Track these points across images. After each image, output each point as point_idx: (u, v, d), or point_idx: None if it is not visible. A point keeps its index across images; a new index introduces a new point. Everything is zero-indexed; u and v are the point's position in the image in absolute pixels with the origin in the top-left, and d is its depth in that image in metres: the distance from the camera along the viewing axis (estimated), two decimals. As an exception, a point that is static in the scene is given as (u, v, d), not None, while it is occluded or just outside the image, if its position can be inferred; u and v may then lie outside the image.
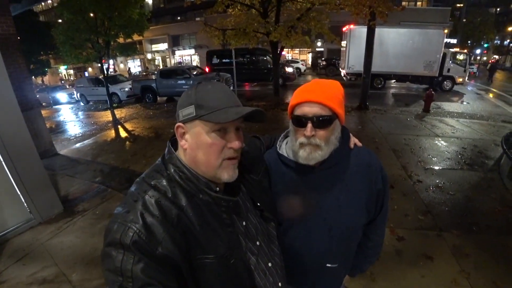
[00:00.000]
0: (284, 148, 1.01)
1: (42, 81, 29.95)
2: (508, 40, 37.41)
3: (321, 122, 0.84)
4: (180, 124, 0.72)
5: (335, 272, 1.03)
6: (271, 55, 11.07)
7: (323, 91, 0.84)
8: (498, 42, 38.18)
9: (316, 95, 0.83)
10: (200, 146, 0.70)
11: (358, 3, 6.50)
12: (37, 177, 3.21)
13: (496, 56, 35.55)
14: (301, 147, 0.88)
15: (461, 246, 2.66)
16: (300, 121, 0.86)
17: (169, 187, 0.69)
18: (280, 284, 0.86)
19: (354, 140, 1.01)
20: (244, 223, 0.80)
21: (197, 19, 28.42)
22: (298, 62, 22.18)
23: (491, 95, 12.62)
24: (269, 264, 0.84)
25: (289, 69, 15.47)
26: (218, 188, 0.74)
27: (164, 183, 0.69)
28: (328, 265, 0.99)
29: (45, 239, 2.93)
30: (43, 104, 14.97)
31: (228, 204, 0.75)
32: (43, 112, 6.92)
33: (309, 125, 0.84)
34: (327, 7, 8.58)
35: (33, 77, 22.18)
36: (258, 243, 0.82)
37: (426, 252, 2.57)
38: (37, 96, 14.06)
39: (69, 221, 3.25)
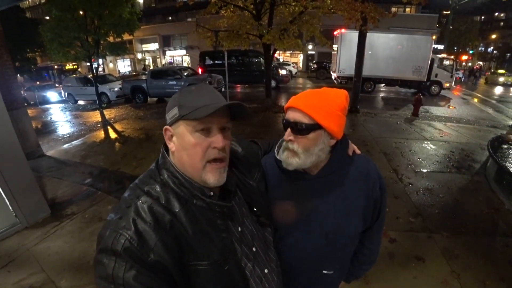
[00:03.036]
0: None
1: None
2: (492, 47, 38.90)
3: (299, 130, 0.84)
4: (167, 126, 0.72)
5: (331, 278, 1.03)
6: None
7: (310, 100, 0.84)
8: (483, 49, 39.61)
9: (300, 102, 0.84)
10: (184, 147, 0.69)
11: (351, 8, 6.60)
12: (23, 180, 3.10)
13: (481, 63, 36.82)
14: (283, 149, 0.90)
15: (451, 247, 2.72)
16: (284, 125, 0.88)
17: (162, 192, 0.68)
18: None
19: (353, 148, 0.99)
20: (239, 228, 0.79)
21: (189, 19, 28.32)
22: (289, 64, 22.33)
23: (476, 100, 13.04)
24: (265, 271, 0.83)
25: (283, 72, 15.42)
26: (212, 193, 0.73)
27: (158, 189, 0.69)
28: (324, 271, 1.00)
29: (31, 244, 2.82)
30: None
31: (222, 210, 0.74)
32: (29, 111, 6.70)
33: (288, 130, 0.86)
34: (320, 11, 8.66)
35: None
36: (254, 249, 0.81)
37: (418, 253, 2.62)
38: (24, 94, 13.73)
39: (57, 225, 3.15)
